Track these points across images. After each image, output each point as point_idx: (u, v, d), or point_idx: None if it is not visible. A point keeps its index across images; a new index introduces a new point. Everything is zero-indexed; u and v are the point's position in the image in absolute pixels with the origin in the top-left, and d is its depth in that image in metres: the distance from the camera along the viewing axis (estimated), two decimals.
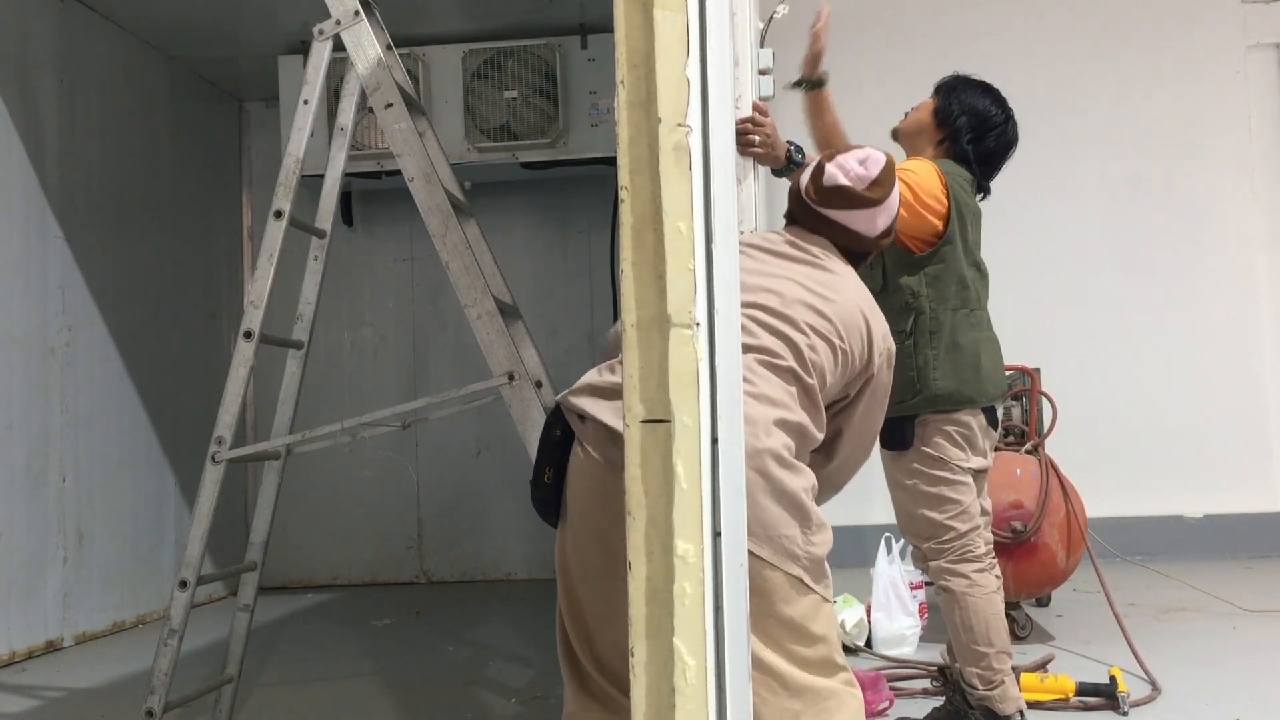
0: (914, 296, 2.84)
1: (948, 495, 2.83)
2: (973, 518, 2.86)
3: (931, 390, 2.81)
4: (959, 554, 2.84)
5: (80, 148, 5.22)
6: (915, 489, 2.86)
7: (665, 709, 1.25)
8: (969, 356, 2.85)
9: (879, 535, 4.24)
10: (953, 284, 2.85)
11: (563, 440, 1.98)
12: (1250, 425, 6.17)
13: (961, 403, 2.82)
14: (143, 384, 5.62)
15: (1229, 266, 6.27)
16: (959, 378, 2.82)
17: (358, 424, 3.17)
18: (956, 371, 2.82)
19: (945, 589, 2.87)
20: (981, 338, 2.89)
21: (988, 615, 2.83)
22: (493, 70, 5.79)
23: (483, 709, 3.60)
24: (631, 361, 1.28)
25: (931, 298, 2.84)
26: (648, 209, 1.28)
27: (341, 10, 3.10)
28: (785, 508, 1.86)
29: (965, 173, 2.94)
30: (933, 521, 2.85)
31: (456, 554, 6.64)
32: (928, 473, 2.84)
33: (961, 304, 2.87)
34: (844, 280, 2.17)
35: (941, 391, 2.80)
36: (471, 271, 2.93)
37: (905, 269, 2.85)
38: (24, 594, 4.71)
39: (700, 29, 1.30)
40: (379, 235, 6.78)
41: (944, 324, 2.84)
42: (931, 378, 2.81)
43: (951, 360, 2.82)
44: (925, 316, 2.83)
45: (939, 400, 2.81)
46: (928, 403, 2.81)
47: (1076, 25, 6.36)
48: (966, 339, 2.86)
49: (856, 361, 2.11)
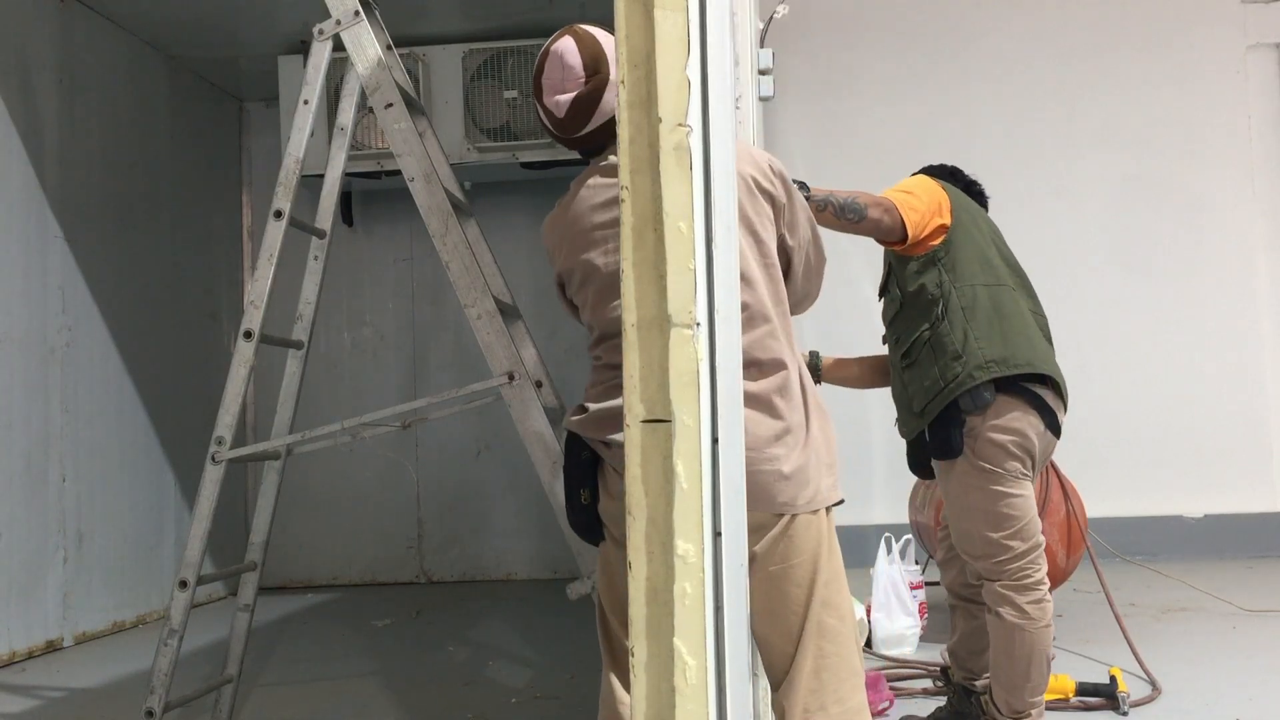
0: (937, 286, 2.70)
1: (1004, 511, 2.63)
2: (1033, 535, 2.67)
3: (979, 358, 2.60)
4: (1016, 579, 2.65)
5: (80, 148, 5.22)
6: (969, 504, 2.68)
7: (665, 709, 1.25)
8: (1018, 325, 2.67)
9: (879, 535, 4.24)
10: (974, 262, 2.72)
11: (593, 459, 2.02)
12: (1250, 425, 6.17)
13: (1018, 365, 2.61)
14: (143, 384, 5.62)
15: (1229, 266, 6.27)
16: (1013, 344, 2.63)
17: (358, 424, 3.18)
18: (1006, 338, 2.64)
19: (996, 614, 2.68)
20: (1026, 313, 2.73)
21: (1033, 651, 2.65)
22: (493, 70, 5.80)
23: (483, 709, 3.60)
24: (632, 361, 1.28)
25: (955, 280, 2.70)
26: (648, 209, 1.28)
27: (341, 10, 3.10)
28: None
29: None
30: (989, 540, 2.66)
31: (456, 554, 6.64)
32: (983, 487, 2.64)
33: (994, 280, 2.72)
34: None
35: (993, 357, 2.61)
36: (471, 271, 2.93)
37: (920, 270, 2.73)
38: (24, 594, 4.71)
39: (700, 29, 1.29)
40: (379, 235, 6.78)
41: (978, 296, 2.68)
42: (976, 347, 2.61)
43: (996, 327, 2.65)
44: (953, 295, 2.68)
45: (991, 365, 2.60)
46: (981, 370, 2.60)
47: (1076, 25, 6.36)
48: (1011, 309, 2.69)
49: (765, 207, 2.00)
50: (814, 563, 1.95)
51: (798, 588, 1.95)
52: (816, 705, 1.92)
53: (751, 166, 1.98)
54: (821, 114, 6.31)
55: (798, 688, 1.93)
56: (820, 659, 1.94)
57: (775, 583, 1.93)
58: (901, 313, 2.80)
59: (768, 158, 2.05)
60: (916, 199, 2.73)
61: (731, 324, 1.36)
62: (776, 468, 1.89)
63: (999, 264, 2.78)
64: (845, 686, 1.96)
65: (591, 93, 1.98)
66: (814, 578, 1.95)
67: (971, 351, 2.61)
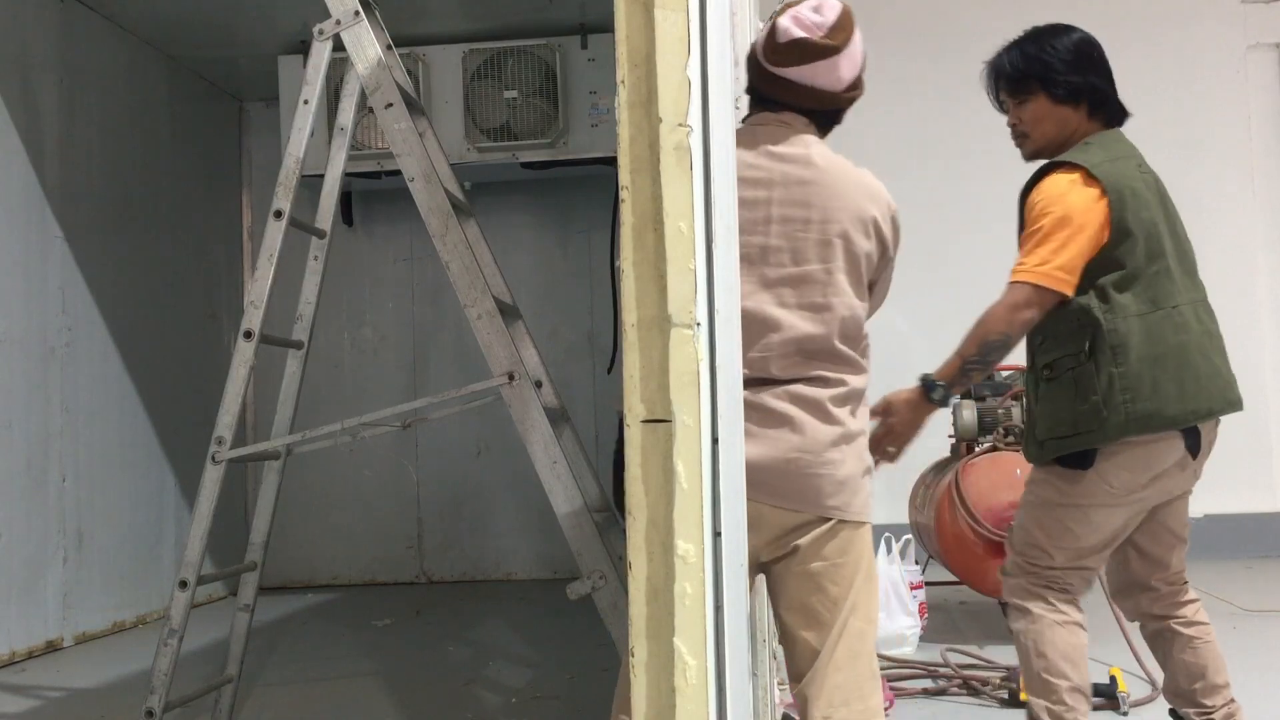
0: (1084, 313, 2.41)
1: (1067, 524, 2.45)
2: (1082, 557, 2.47)
3: (1122, 415, 2.36)
4: (1045, 579, 2.49)
5: (80, 148, 5.22)
6: (1037, 497, 2.51)
7: (665, 709, 1.25)
8: (1171, 368, 2.38)
9: (879, 535, 4.23)
10: (1132, 287, 2.40)
11: None
12: (1250, 425, 6.15)
13: (1161, 426, 2.37)
14: (143, 384, 5.62)
15: (1229, 266, 6.26)
16: (1163, 394, 2.36)
17: (358, 424, 3.17)
18: (1156, 389, 2.36)
19: (1020, 609, 2.51)
20: (1189, 342, 2.41)
21: (1067, 645, 2.45)
22: (493, 70, 5.79)
23: (483, 709, 3.60)
24: (632, 361, 1.28)
25: (1107, 310, 2.40)
26: (648, 209, 1.28)
27: (341, 10, 3.10)
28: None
29: (1115, 134, 2.57)
30: (1031, 537, 2.50)
31: (456, 554, 6.64)
32: (1061, 487, 2.45)
33: (1151, 305, 2.40)
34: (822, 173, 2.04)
35: (1136, 414, 2.35)
36: (471, 271, 2.93)
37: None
38: (24, 594, 4.71)
39: (701, 29, 1.29)
40: (379, 235, 6.78)
41: (1132, 332, 2.38)
42: (1119, 400, 2.35)
43: (1148, 375, 2.36)
44: (1102, 329, 2.39)
45: (1130, 426, 2.36)
46: (1118, 429, 2.36)
47: (1075, 25, 6.35)
48: (1167, 345, 2.39)
49: (874, 250, 2.06)
50: (857, 567, 2.02)
51: (836, 587, 2.00)
52: (840, 700, 1.99)
53: (874, 207, 2.05)
54: None
55: (825, 683, 2.00)
56: (848, 658, 2.01)
57: (815, 579, 1.99)
58: (1049, 320, 2.48)
59: (894, 208, 2.10)
60: (1069, 237, 2.37)
61: (732, 324, 1.36)
62: (832, 471, 1.96)
63: (1163, 273, 2.44)
64: (867, 686, 2.02)
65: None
66: (854, 582, 2.02)
67: (1115, 406, 2.36)
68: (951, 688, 3.50)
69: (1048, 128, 2.59)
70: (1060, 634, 2.46)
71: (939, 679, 3.56)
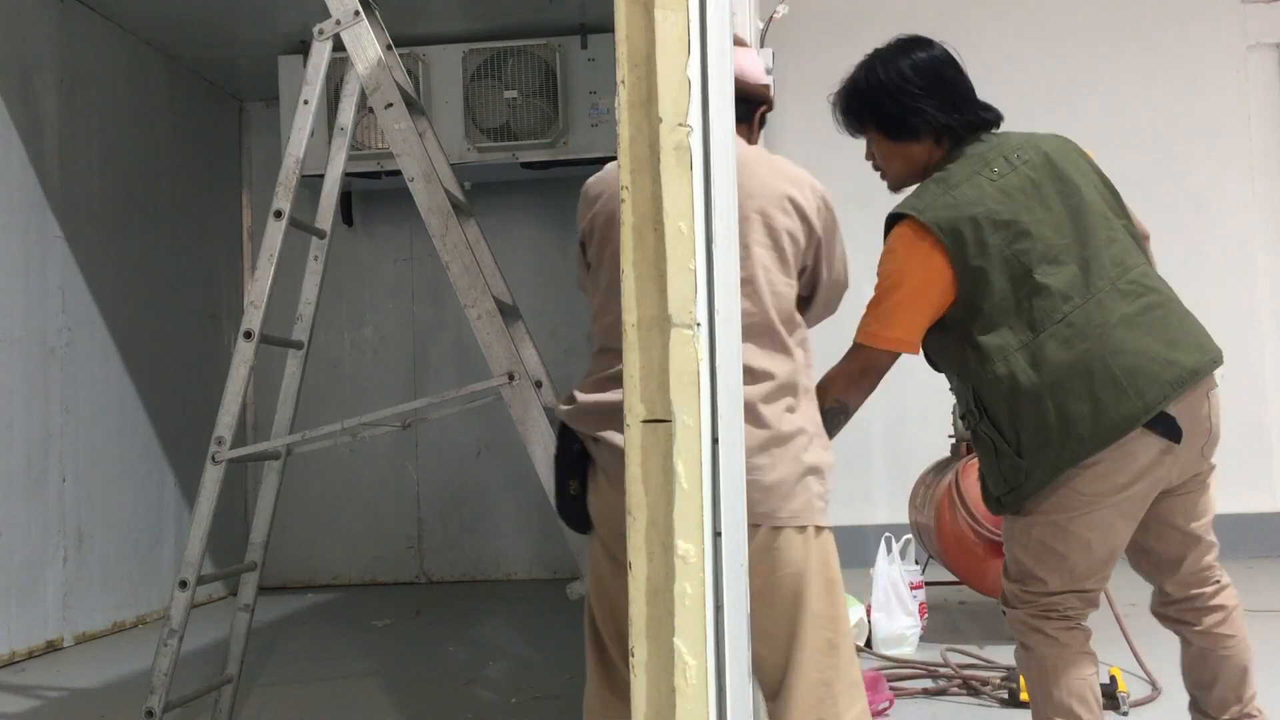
0: (963, 365, 2.26)
1: (1054, 547, 2.23)
2: (1078, 579, 2.26)
3: (1044, 459, 2.15)
4: (1043, 610, 2.28)
5: (80, 148, 5.22)
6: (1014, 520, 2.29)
7: (665, 709, 1.25)
8: (1077, 385, 2.13)
9: (879, 535, 4.24)
10: (1001, 323, 2.19)
11: (584, 451, 2.01)
12: (1250, 425, 6.17)
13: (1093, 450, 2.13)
14: (143, 384, 5.62)
15: (1229, 266, 6.27)
16: (1076, 419, 2.12)
17: (358, 424, 3.18)
18: (1070, 414, 2.12)
19: (1022, 644, 2.33)
20: (1091, 349, 2.15)
21: (1073, 680, 2.26)
22: (493, 70, 5.79)
23: (483, 709, 3.60)
24: (632, 361, 1.28)
25: (980, 359, 2.21)
26: (648, 209, 1.28)
27: (341, 10, 3.10)
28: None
29: (972, 149, 2.35)
30: (1020, 564, 2.29)
31: (456, 554, 6.64)
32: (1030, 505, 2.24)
33: (1030, 333, 2.17)
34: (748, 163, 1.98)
35: (1062, 452, 2.13)
36: (471, 272, 2.93)
37: (938, 336, 2.29)
38: (24, 594, 4.71)
39: (700, 29, 1.30)
40: (379, 235, 6.78)
41: (1013, 374, 2.17)
42: (1035, 445, 2.15)
43: (1051, 406, 2.14)
44: (985, 383, 2.22)
45: (1061, 464, 2.15)
46: (1050, 472, 2.16)
47: (1076, 25, 6.36)
48: (1059, 366, 2.14)
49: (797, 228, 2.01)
50: (800, 578, 1.93)
51: (784, 601, 1.92)
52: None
53: (792, 187, 2.01)
54: (821, 114, 6.28)
55: (797, 702, 1.93)
56: (820, 673, 1.93)
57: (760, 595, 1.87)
58: (946, 374, 2.37)
59: (819, 190, 2.06)
60: (906, 300, 2.23)
61: (732, 324, 1.36)
62: (758, 477, 1.86)
63: (1038, 289, 2.18)
64: (843, 700, 1.95)
65: None
66: (802, 591, 1.93)
67: (1031, 455, 2.16)
68: (951, 688, 3.50)
69: (898, 165, 2.46)
70: (1066, 669, 2.26)
71: (939, 679, 3.56)
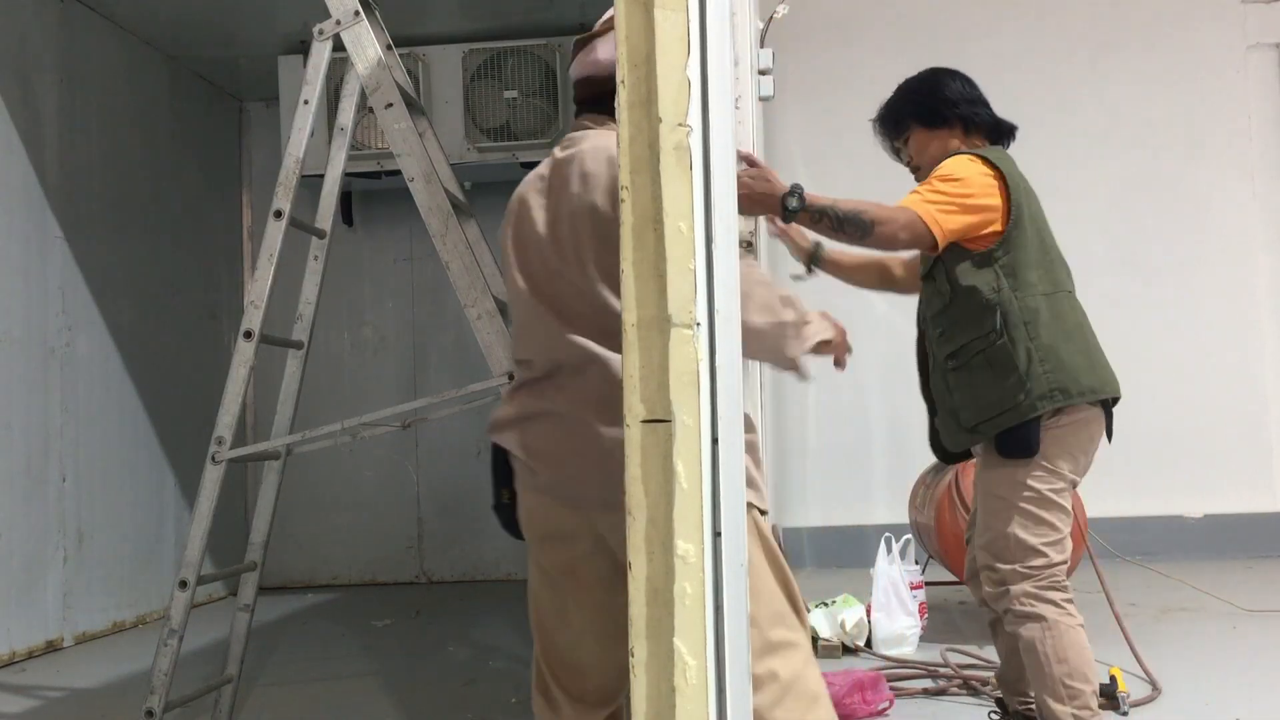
0: (994, 291, 2.50)
1: (1046, 518, 2.50)
2: (1066, 550, 2.53)
3: (1044, 385, 2.46)
4: (1048, 581, 2.51)
5: (80, 148, 5.22)
6: (1011, 504, 2.52)
7: (665, 709, 1.25)
8: (1079, 342, 2.54)
9: (879, 535, 4.24)
10: (1037, 267, 2.53)
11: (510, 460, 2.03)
12: (1250, 425, 6.17)
13: (1080, 394, 2.49)
14: (143, 384, 5.62)
15: (1229, 266, 6.27)
16: (1075, 366, 2.50)
17: (358, 424, 3.17)
18: (1069, 359, 2.49)
19: (1032, 616, 2.49)
20: (1086, 324, 2.60)
21: (1081, 647, 2.48)
22: (493, 70, 5.79)
23: (483, 709, 3.60)
24: (632, 361, 1.28)
25: (1014, 287, 2.50)
26: (648, 209, 1.28)
27: (341, 10, 3.10)
28: None
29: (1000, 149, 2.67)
30: (1023, 544, 2.51)
31: (456, 554, 6.64)
32: (1031, 487, 2.50)
33: (1053, 287, 2.54)
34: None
35: (1058, 383, 2.47)
36: (471, 271, 2.93)
37: (975, 268, 2.52)
38: (24, 594, 4.71)
39: (700, 29, 1.29)
40: (379, 235, 6.78)
41: (1039, 310, 2.51)
42: (1039, 371, 2.46)
43: (1061, 347, 2.50)
44: (1014, 306, 2.49)
45: (1055, 395, 2.47)
46: (1044, 399, 2.46)
47: (1076, 25, 6.36)
48: (1072, 322, 2.55)
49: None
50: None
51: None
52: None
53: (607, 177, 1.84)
54: (821, 114, 6.31)
55: None
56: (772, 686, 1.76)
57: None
58: (950, 308, 2.59)
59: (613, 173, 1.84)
60: (961, 198, 2.48)
61: (732, 324, 1.36)
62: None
63: (1056, 260, 2.60)
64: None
65: None
66: None
67: (1036, 377, 2.46)
68: (951, 688, 3.50)
69: (933, 151, 2.72)
70: (1078, 637, 2.48)
71: (939, 679, 3.56)
